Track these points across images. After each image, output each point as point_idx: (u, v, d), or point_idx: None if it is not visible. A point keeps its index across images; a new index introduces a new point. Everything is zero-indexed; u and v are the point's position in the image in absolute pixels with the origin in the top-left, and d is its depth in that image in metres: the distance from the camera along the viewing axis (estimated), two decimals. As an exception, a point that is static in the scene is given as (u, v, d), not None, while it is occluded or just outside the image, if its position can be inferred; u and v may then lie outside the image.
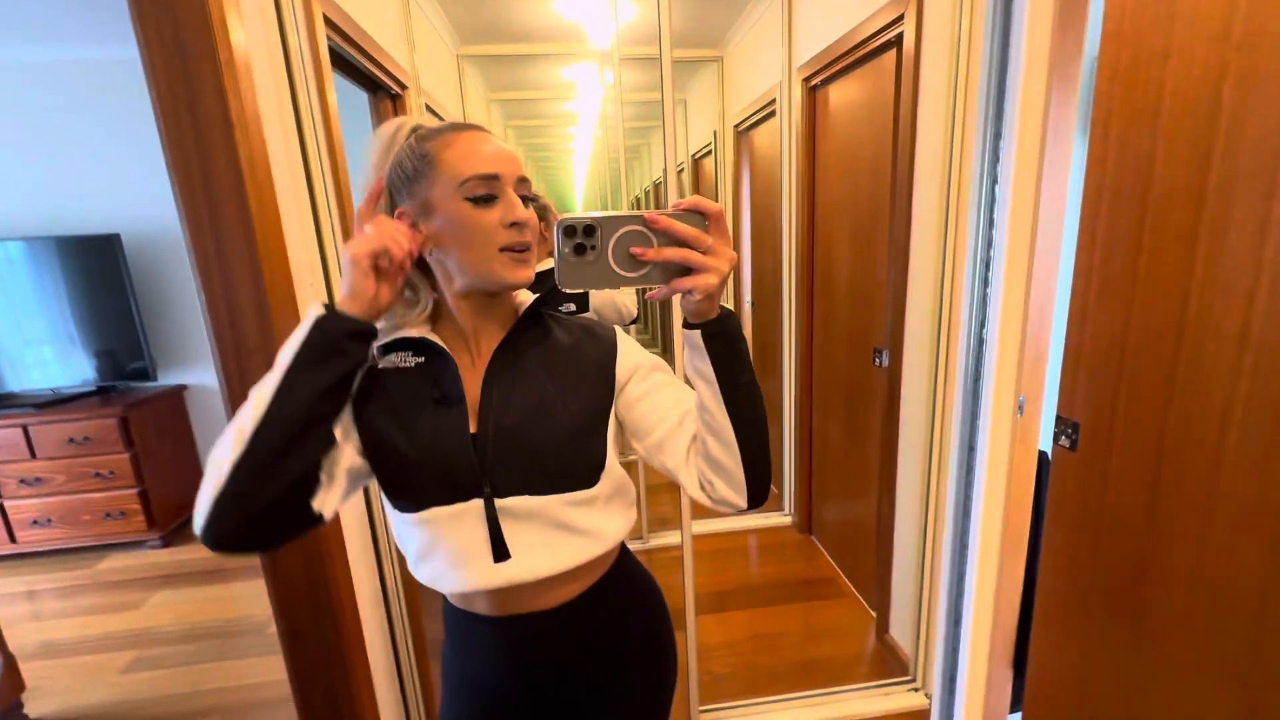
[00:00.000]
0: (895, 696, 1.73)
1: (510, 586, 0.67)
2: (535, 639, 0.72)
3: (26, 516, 2.69)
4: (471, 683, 0.75)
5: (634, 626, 0.79)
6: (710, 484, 0.65)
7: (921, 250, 1.61)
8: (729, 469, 0.63)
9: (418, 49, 2.09)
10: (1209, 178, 0.88)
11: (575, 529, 0.69)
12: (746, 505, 0.65)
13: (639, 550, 2.62)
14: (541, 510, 0.67)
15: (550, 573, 0.68)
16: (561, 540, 0.68)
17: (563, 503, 0.67)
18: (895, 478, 1.84)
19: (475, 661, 0.74)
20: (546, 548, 0.68)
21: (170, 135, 0.92)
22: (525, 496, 0.66)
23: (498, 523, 0.66)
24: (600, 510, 0.70)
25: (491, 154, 0.64)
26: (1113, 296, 1.06)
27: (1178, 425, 0.96)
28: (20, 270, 2.67)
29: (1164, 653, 1.02)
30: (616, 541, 0.73)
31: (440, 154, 0.64)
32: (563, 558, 0.69)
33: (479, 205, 0.63)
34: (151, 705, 1.85)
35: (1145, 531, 1.04)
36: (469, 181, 0.63)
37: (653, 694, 0.81)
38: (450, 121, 0.67)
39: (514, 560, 0.67)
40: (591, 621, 0.74)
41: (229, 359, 1.00)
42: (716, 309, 0.58)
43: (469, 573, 0.67)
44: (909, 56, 1.56)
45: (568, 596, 0.72)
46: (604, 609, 0.75)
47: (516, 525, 0.67)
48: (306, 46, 1.16)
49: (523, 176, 0.66)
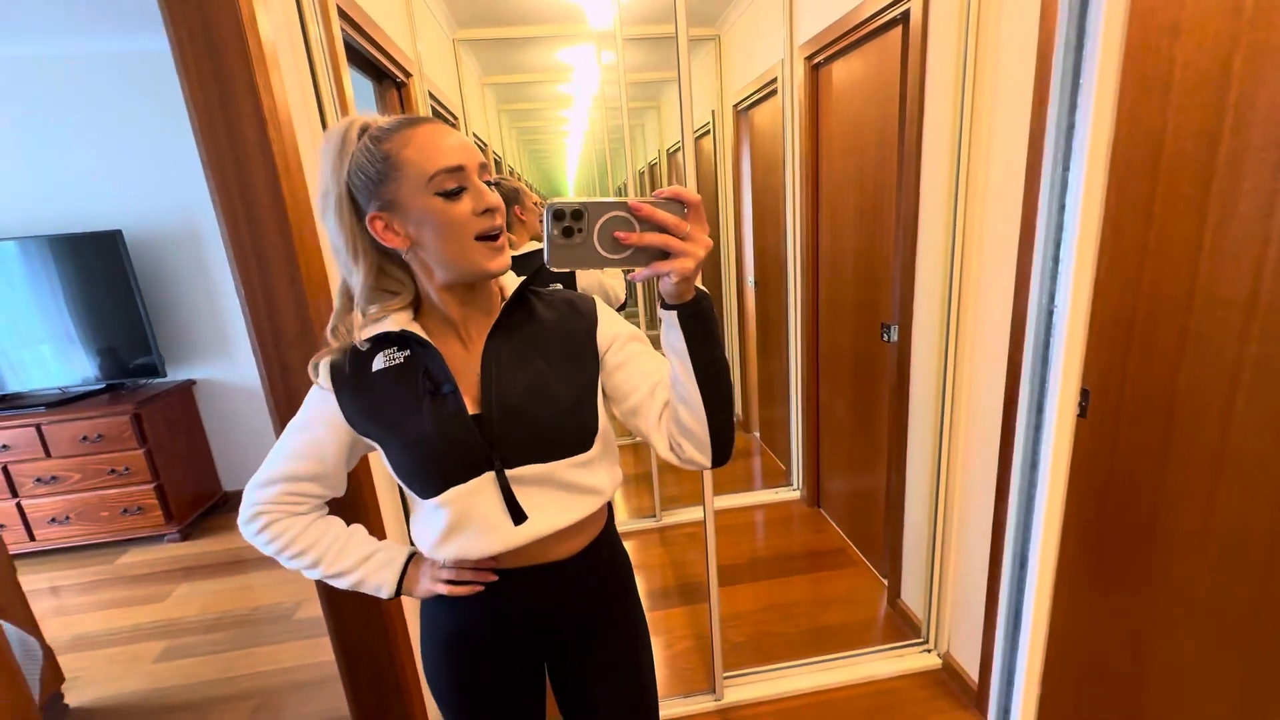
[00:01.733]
0: (908, 658, 1.80)
1: (531, 543, 0.75)
2: (550, 587, 0.80)
3: (44, 514, 2.71)
4: (476, 632, 0.82)
5: (622, 572, 0.89)
6: (680, 446, 0.72)
7: (930, 225, 1.64)
8: (697, 434, 0.69)
9: (418, 35, 2.08)
10: (1219, 151, 0.91)
11: (579, 487, 0.76)
12: (710, 465, 0.72)
13: (653, 528, 2.68)
14: (549, 475, 0.74)
15: (564, 525, 0.76)
16: (569, 498, 0.76)
17: (567, 466, 0.74)
18: (905, 450, 1.89)
19: (486, 614, 0.81)
20: (558, 505, 0.75)
21: (204, 131, 0.93)
22: (533, 465, 0.73)
23: (511, 490, 0.73)
24: (597, 468, 0.78)
25: (453, 146, 0.66)
26: (1123, 267, 1.09)
27: (1187, 389, 1.00)
28: (15, 271, 2.65)
29: (1172, 610, 1.08)
30: (611, 493, 0.81)
31: (401, 153, 0.65)
32: (571, 512, 0.76)
33: (450, 198, 0.65)
34: (187, 691, 1.89)
35: (1154, 493, 1.09)
36: (437, 176, 0.64)
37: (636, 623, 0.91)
38: (401, 117, 0.68)
39: (531, 520, 0.74)
40: (594, 571, 0.84)
41: (269, 351, 1.03)
42: (692, 291, 0.62)
43: (494, 538, 0.74)
44: (916, 32, 1.57)
45: (577, 548, 0.81)
46: (604, 559, 0.85)
47: (528, 490, 0.74)
48: (325, 38, 1.17)
49: (483, 163, 0.69)
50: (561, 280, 1.81)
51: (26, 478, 2.66)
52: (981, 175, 1.44)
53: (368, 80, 1.85)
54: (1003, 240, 1.39)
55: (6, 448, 2.62)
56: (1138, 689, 1.16)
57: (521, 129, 5.81)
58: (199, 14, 0.87)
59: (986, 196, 1.43)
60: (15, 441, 2.62)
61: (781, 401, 3.00)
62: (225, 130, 0.93)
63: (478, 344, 0.74)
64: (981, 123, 1.42)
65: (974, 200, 1.47)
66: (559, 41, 3.10)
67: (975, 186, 1.46)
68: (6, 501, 2.67)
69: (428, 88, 2.15)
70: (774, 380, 3.17)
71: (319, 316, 1.04)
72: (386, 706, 1.27)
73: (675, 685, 1.79)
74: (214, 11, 0.88)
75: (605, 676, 0.86)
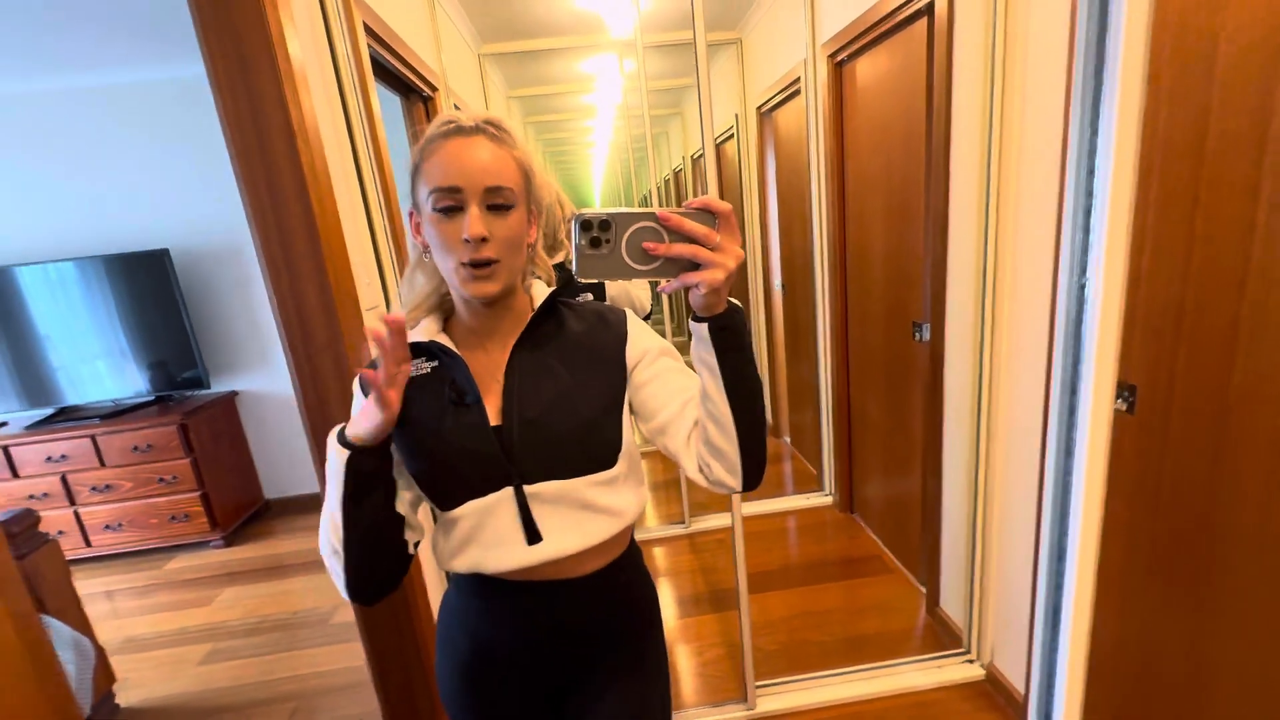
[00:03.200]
0: (949, 669, 1.74)
1: (543, 564, 0.73)
2: (562, 604, 0.76)
3: (99, 521, 2.84)
4: (488, 646, 0.79)
5: (641, 601, 0.84)
6: (708, 467, 0.69)
7: (961, 220, 1.59)
8: (727, 454, 0.67)
9: (444, 50, 2.13)
10: (1270, 126, 0.86)
11: (598, 508, 0.73)
12: (741, 489, 0.69)
13: (681, 534, 2.66)
14: (568, 493, 0.71)
15: (578, 549, 0.73)
16: (587, 519, 0.73)
17: (587, 484, 0.72)
18: (941, 452, 1.83)
19: (497, 626, 0.78)
20: (575, 527, 0.72)
21: (236, 146, 0.97)
22: (552, 481, 0.71)
23: (528, 508, 0.71)
24: (620, 488, 0.75)
25: (459, 169, 0.64)
26: (1169, 256, 1.04)
27: (1242, 381, 0.95)
28: (73, 289, 2.80)
29: (1230, 615, 1.01)
30: (635, 516, 0.77)
31: (424, 162, 0.66)
32: (589, 535, 0.73)
33: (445, 216, 0.65)
34: (231, 694, 1.95)
35: (1208, 492, 1.03)
36: (435, 193, 0.65)
37: (654, 657, 0.85)
38: (447, 128, 0.67)
39: (546, 541, 0.72)
40: (611, 591, 0.79)
41: (300, 357, 1.06)
42: (724, 303, 0.61)
43: (505, 554, 0.72)
44: (941, 24, 1.54)
45: (593, 568, 0.77)
46: (621, 582, 0.80)
47: (545, 508, 0.71)
48: (352, 54, 1.20)
49: (496, 186, 0.65)
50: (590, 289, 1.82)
51: (83, 486, 2.80)
52: (1014, 167, 1.39)
53: (395, 95, 1.90)
54: (1038, 233, 1.34)
55: (65, 458, 2.76)
56: (1196, 699, 1.09)
57: (548, 140, 5.90)
58: (231, 33, 0.91)
59: (1019, 188, 1.39)
60: (73, 452, 2.76)
61: (812, 405, 2.95)
62: (257, 144, 0.97)
63: (503, 354, 0.74)
64: (1012, 113, 1.37)
65: (1006, 193, 1.42)
66: (581, 52, 3.14)
67: (1008, 178, 1.41)
68: (65, 510, 2.81)
69: (454, 102, 2.20)
70: (804, 384, 3.12)
71: (346, 323, 1.07)
72: (416, 710, 1.28)
73: (706, 694, 1.76)
74: (245, 30, 0.91)
75: (617, 712, 0.80)
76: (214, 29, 0.91)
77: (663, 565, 2.47)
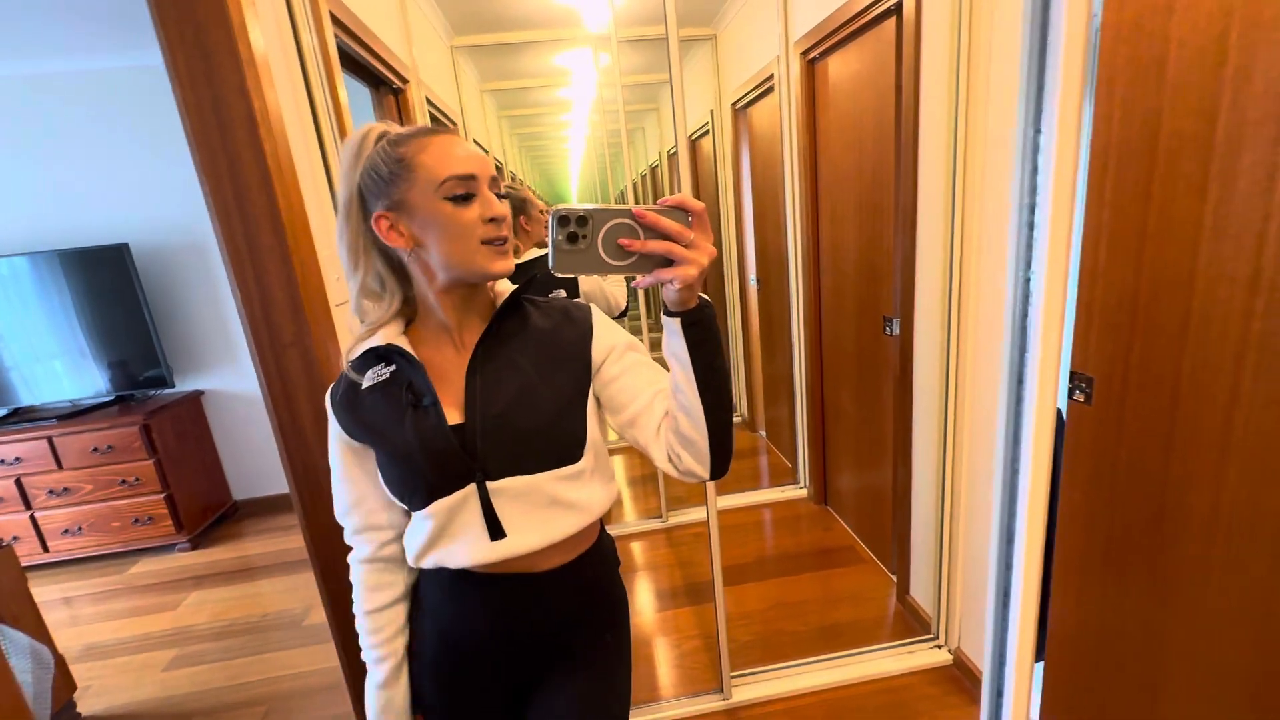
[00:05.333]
0: (918, 654, 1.78)
1: (508, 559, 0.73)
2: (525, 597, 0.77)
3: (57, 526, 2.74)
4: (453, 640, 0.79)
5: (607, 595, 0.85)
6: (678, 457, 0.71)
7: (929, 217, 1.62)
8: (697, 444, 0.69)
9: (415, 42, 2.09)
10: (1217, 127, 0.90)
11: (564, 502, 0.74)
12: (709, 477, 0.71)
13: (659, 529, 2.67)
14: (533, 488, 0.72)
15: (541, 545, 0.74)
16: (552, 515, 0.74)
17: (552, 479, 0.73)
18: (910, 444, 1.88)
19: (462, 619, 0.78)
20: (539, 523, 0.73)
21: (197, 135, 0.94)
22: (517, 477, 0.71)
23: (490, 504, 0.71)
24: (586, 483, 0.76)
25: (466, 156, 0.68)
26: (1123, 251, 1.08)
27: (1192, 371, 0.99)
28: (26, 285, 2.69)
29: (1182, 596, 1.06)
30: (601, 511, 0.79)
31: (416, 157, 0.67)
32: (553, 531, 0.74)
33: (458, 204, 0.67)
34: (197, 699, 1.90)
35: (1161, 479, 1.07)
36: (447, 182, 0.66)
37: (616, 656, 0.86)
38: (420, 126, 0.71)
39: (509, 537, 0.72)
40: (577, 586, 0.80)
41: (267, 355, 1.03)
42: (695, 299, 0.62)
43: (468, 550, 0.73)
44: (909, 23, 1.57)
45: (559, 563, 0.78)
46: (586, 577, 0.81)
47: (510, 504, 0.72)
48: (317, 45, 1.18)
49: (495, 176, 0.70)
50: (564, 286, 1.82)
51: (39, 489, 2.69)
52: (979, 165, 1.43)
53: (365, 87, 1.87)
54: (1000, 229, 1.37)
55: (20, 460, 2.65)
56: (1150, 677, 1.14)
57: (522, 135, 5.85)
58: (190, 19, 0.88)
59: (984, 186, 1.42)
60: (28, 454, 2.65)
61: (786, 399, 2.99)
62: (218, 133, 0.94)
63: (468, 351, 0.75)
64: (977, 111, 1.41)
65: (971, 190, 1.46)
66: (556, 46, 3.11)
67: (973, 176, 1.45)
68: (20, 514, 2.71)
69: (425, 94, 2.16)
70: (778, 378, 3.16)
71: (314, 319, 1.05)
72: (391, 709, 1.27)
73: (684, 685, 1.78)
74: (204, 16, 0.89)
75: (573, 705, 0.80)
76: (173, 17, 0.88)
77: (641, 559, 2.48)
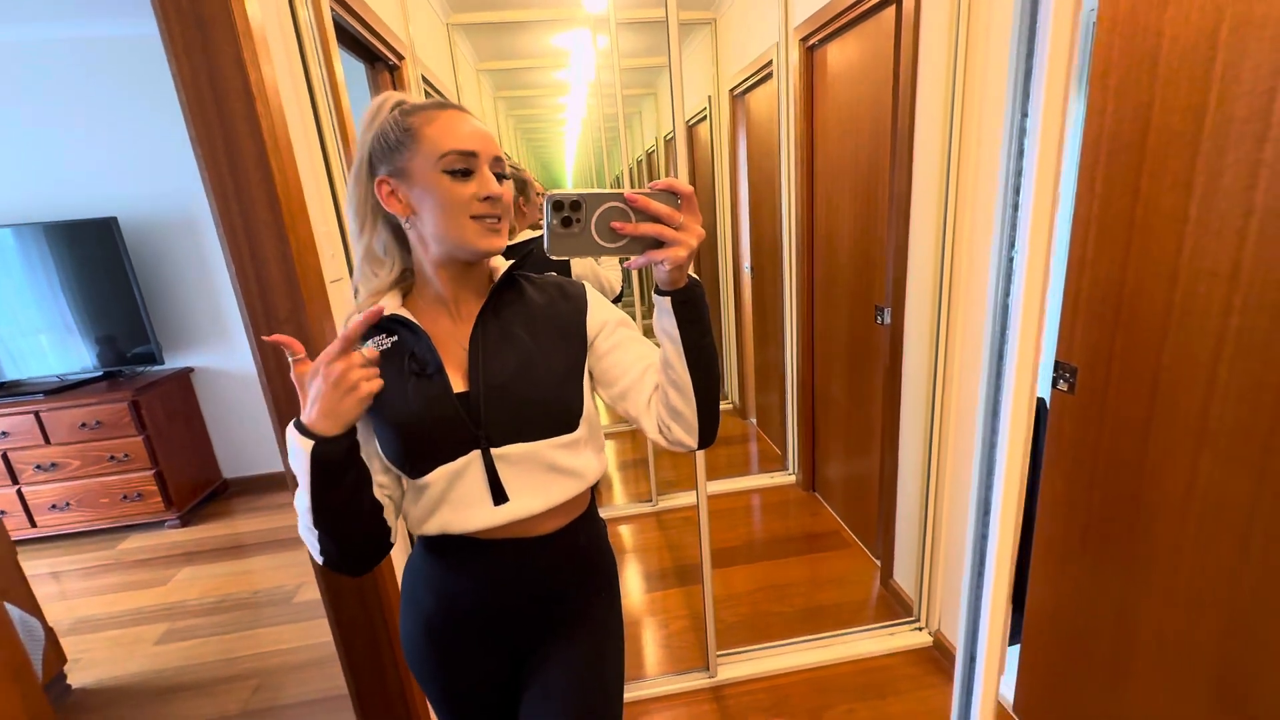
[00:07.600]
0: (900, 635, 1.83)
1: (509, 523, 0.76)
2: (525, 560, 0.80)
3: (45, 501, 2.73)
4: (454, 608, 0.81)
5: (600, 561, 0.88)
6: (668, 428, 0.75)
7: (923, 206, 1.64)
8: (686, 416, 0.72)
9: (411, 18, 2.07)
10: (1205, 124, 0.92)
11: (562, 469, 0.77)
12: (697, 446, 0.75)
13: (649, 512, 2.70)
14: (534, 454, 0.75)
15: (542, 509, 0.77)
16: (551, 480, 0.77)
17: (551, 446, 0.75)
18: (898, 432, 1.91)
19: (463, 586, 0.80)
20: (540, 487, 0.76)
21: (193, 108, 0.93)
22: (519, 444, 0.74)
23: (495, 469, 0.74)
24: (581, 450, 0.79)
25: (470, 132, 0.69)
26: (1111, 243, 1.10)
27: (1172, 362, 1.01)
28: (11, 258, 2.65)
29: (1154, 580, 1.10)
30: (595, 478, 0.82)
31: (422, 128, 0.69)
32: (553, 495, 0.77)
33: (456, 178, 0.68)
34: (188, 673, 1.92)
35: (1138, 467, 1.10)
36: (448, 155, 0.68)
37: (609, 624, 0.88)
38: (434, 100, 0.73)
39: (512, 501, 0.75)
40: (571, 549, 0.83)
41: (262, 331, 1.03)
42: (685, 278, 0.65)
43: (473, 515, 0.75)
44: (909, 12, 1.57)
45: (554, 527, 0.80)
46: (580, 541, 0.84)
47: (511, 469, 0.75)
48: (314, 18, 1.17)
49: (498, 156, 0.72)
50: (557, 270, 1.83)
51: (26, 464, 2.68)
52: (973, 156, 1.44)
53: (360, 63, 1.84)
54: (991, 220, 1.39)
55: (6, 434, 2.63)
56: (1123, 657, 1.18)
57: (519, 117, 5.78)
58: (185, -11, 0.87)
59: (978, 176, 1.44)
60: (15, 429, 2.63)
61: (777, 387, 3.01)
62: (214, 105, 0.93)
63: (468, 323, 0.76)
64: (973, 102, 1.42)
65: (965, 181, 1.47)
66: (554, 26, 3.08)
67: (967, 167, 1.46)
68: (7, 488, 2.69)
69: (421, 72, 2.14)
70: (770, 365, 3.19)
71: (310, 295, 1.05)
72: (384, 680, 1.29)
73: (671, 664, 1.81)
74: (200, -13, 0.88)
75: (568, 668, 0.82)
76: (167, -16, 0.87)
77: (631, 542, 2.51)
